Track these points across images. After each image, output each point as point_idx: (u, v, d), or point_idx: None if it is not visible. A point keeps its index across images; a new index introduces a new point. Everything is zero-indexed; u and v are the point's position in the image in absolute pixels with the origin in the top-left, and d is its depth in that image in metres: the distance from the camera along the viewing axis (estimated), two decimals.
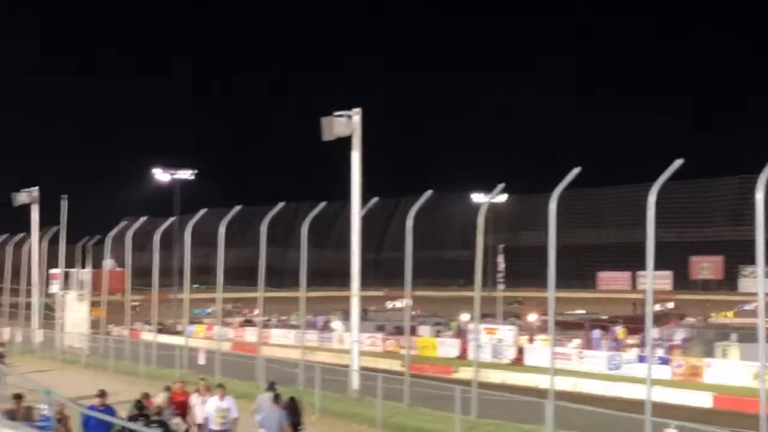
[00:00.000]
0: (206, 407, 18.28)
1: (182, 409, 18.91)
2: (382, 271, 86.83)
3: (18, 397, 16.01)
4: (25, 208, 51.08)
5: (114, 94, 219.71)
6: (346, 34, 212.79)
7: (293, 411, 18.84)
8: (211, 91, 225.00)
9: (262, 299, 38.50)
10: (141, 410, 16.75)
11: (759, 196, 19.36)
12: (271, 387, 19.66)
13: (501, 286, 61.89)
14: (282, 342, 55.24)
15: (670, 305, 73.40)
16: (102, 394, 16.60)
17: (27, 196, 49.91)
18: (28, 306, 54.96)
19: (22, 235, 57.40)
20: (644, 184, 22.98)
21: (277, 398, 18.41)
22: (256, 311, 61.17)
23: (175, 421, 17.81)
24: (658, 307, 62.37)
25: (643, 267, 24.65)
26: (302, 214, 36.38)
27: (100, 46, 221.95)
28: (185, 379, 23.01)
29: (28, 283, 54.60)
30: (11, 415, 13.51)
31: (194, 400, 19.13)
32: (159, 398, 18.31)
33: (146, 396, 18.17)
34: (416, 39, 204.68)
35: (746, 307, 67.25)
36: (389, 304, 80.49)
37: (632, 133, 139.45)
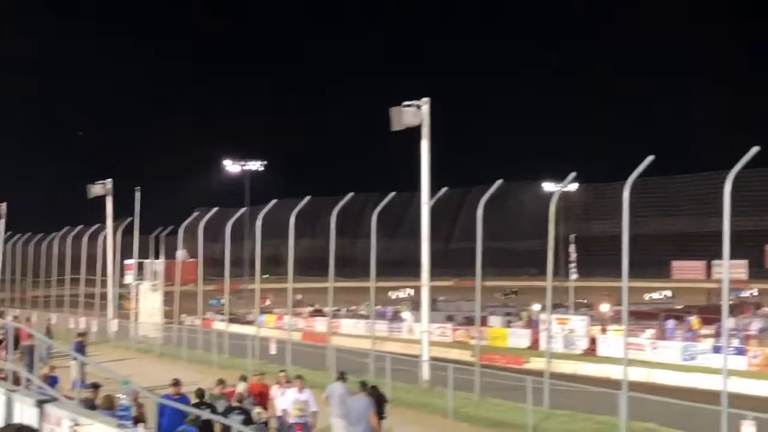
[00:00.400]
0: (284, 399, 18.19)
1: (261, 400, 18.75)
2: (451, 261, 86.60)
3: (95, 386, 16.27)
4: (100, 200, 51.90)
5: (187, 86, 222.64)
6: (417, 24, 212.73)
7: (378, 400, 18.86)
8: (281, 82, 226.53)
9: (332, 289, 38.60)
10: (201, 398, 16.66)
11: None
12: (341, 377, 19.67)
13: (573, 276, 61.21)
14: (351, 332, 55.45)
15: (746, 294, 72.04)
16: (176, 383, 16.76)
17: (101, 188, 50.71)
18: (103, 296, 55.87)
19: (96, 226, 58.41)
20: (719, 172, 22.54)
21: (363, 386, 18.42)
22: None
23: (257, 410, 17.62)
24: (733, 297, 61.24)
25: (718, 256, 24.25)
26: (371, 205, 36.44)
27: (174, 38, 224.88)
28: (259, 369, 23.19)
29: (103, 273, 55.47)
30: (89, 404, 13.70)
31: (274, 391, 19.07)
32: (240, 387, 18.19)
33: (221, 382, 18.16)
34: (483, 29, 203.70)
35: None
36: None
37: (706, 120, 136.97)
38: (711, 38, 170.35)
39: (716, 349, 38.91)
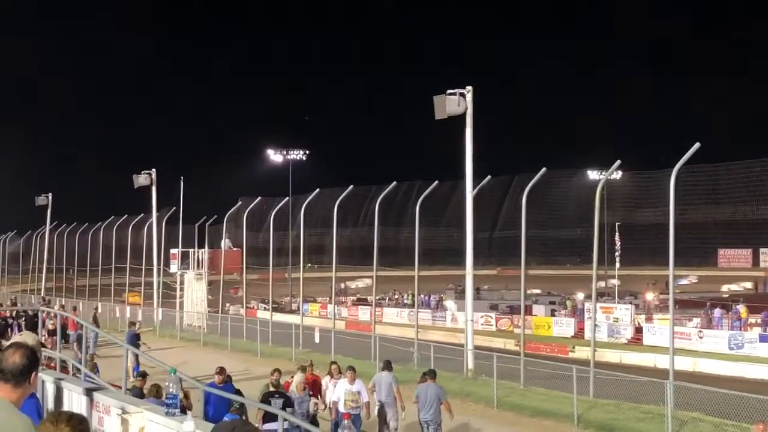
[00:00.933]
0: (336, 390, 18.05)
1: (314, 390, 18.66)
2: (494, 250, 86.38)
3: (143, 375, 16.44)
4: (144, 190, 52.33)
5: (230, 76, 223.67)
6: (458, 15, 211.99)
7: None
8: (325, 72, 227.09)
9: (375, 278, 38.64)
10: (276, 388, 16.92)
11: None
12: (387, 366, 19.68)
13: (617, 264, 60.75)
14: (395, 321, 55.48)
15: None
16: (221, 371, 16.86)
17: (146, 177, 51.11)
18: (148, 285, 56.38)
19: (141, 216, 58.95)
20: (764, 159, 22.30)
21: (432, 374, 18.56)
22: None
23: (314, 401, 17.59)
24: None
25: (766, 244, 23.93)
26: (414, 194, 36.44)
27: (213, 30, 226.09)
28: (303, 358, 23.20)
29: (148, 263, 55.96)
30: (137, 393, 13.84)
31: (326, 383, 19.02)
32: (297, 377, 17.95)
33: (276, 372, 17.82)
34: (524, 15, 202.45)
35: None
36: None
37: (752, 107, 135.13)
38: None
39: (763, 338, 38.47)
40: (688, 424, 20.17)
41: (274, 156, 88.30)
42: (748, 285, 72.75)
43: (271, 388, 17.04)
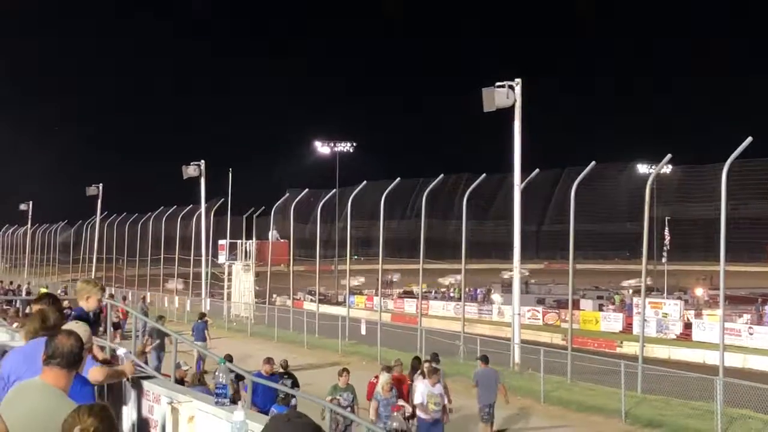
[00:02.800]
0: (418, 391, 16.68)
1: (399, 392, 17.26)
2: (542, 244, 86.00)
3: (178, 365, 16.57)
4: (193, 181, 52.78)
5: (278, 66, 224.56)
6: (506, 12, 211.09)
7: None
8: (373, 64, 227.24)
9: (422, 270, 38.61)
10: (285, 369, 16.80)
11: None
12: (434, 358, 19.67)
13: (666, 259, 60.16)
14: (441, 314, 55.44)
15: None
16: (269, 361, 16.94)
17: (195, 169, 51.52)
18: (197, 276, 56.82)
19: (190, 207, 59.46)
20: None
21: (486, 360, 19.41)
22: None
23: (400, 402, 16.34)
24: None
25: None
26: (462, 186, 36.34)
27: (260, 18, 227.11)
28: (347, 350, 23.19)
29: (197, 253, 56.41)
30: (179, 382, 13.94)
31: (414, 383, 17.58)
32: (383, 378, 16.46)
33: (345, 372, 16.96)
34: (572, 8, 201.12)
35: None
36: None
37: None
38: None
39: None
40: (737, 420, 19.96)
41: (322, 148, 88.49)
42: None
43: (339, 389, 16.39)
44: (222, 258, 57.85)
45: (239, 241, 56.72)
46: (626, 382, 22.06)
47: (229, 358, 18.65)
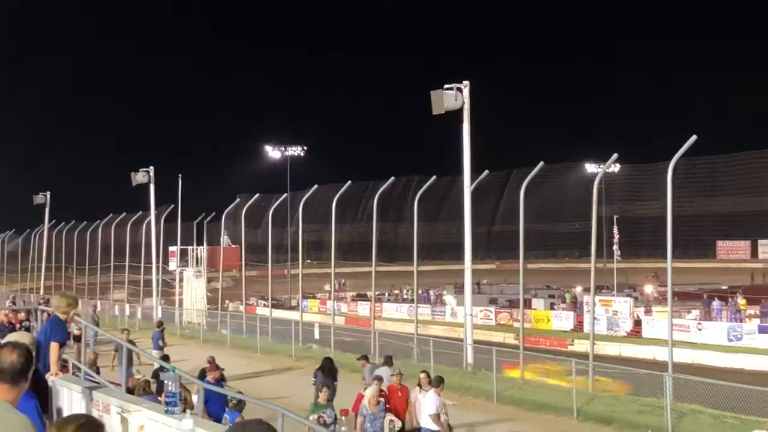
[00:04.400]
0: (430, 403, 15.86)
1: (396, 404, 16.57)
2: (493, 245, 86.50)
3: (128, 375, 16.46)
4: (143, 188, 52.35)
5: (226, 74, 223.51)
6: (452, 5, 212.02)
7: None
8: (321, 67, 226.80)
9: (374, 273, 38.64)
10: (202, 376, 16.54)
11: None
12: (387, 361, 19.72)
13: (616, 257, 60.79)
14: (395, 316, 55.50)
15: None
16: (215, 367, 16.87)
17: (144, 175, 51.14)
18: (147, 283, 56.36)
19: (139, 213, 58.94)
20: (763, 151, 22.40)
21: (439, 382, 16.60)
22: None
23: (390, 418, 15.64)
24: None
25: (764, 235, 24.06)
26: (413, 189, 36.46)
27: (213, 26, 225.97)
28: (300, 354, 23.16)
29: (147, 260, 55.95)
30: (129, 391, 13.82)
31: (414, 395, 16.73)
32: (369, 390, 15.75)
33: (326, 389, 16.58)
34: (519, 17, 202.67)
35: None
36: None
37: (749, 100, 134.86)
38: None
39: (762, 330, 38.52)
40: (687, 416, 20.22)
41: (273, 152, 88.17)
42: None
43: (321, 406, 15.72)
44: (173, 264, 57.43)
45: (190, 248, 56.36)
46: (579, 379, 22.29)
47: (165, 358, 18.64)
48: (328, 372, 19.27)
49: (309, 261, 64.79)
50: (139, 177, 51.06)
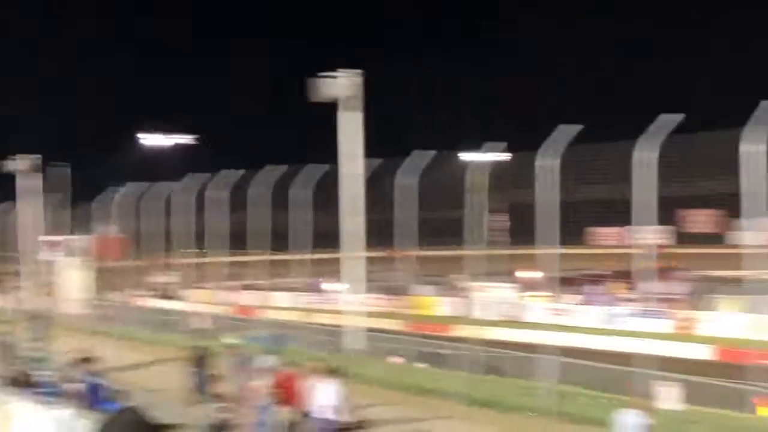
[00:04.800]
0: (322, 393, 15.78)
1: (287, 394, 16.49)
2: (380, 234, 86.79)
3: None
4: (13, 176, 50.99)
5: (112, 59, 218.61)
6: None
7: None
8: (205, 54, 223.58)
9: (260, 262, 38.59)
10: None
11: (743, 149, 19.79)
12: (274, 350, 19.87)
13: (498, 245, 61.75)
14: (282, 304, 55.31)
15: (666, 259, 73.18)
16: (88, 360, 16.67)
17: (15, 163, 49.87)
18: (19, 273, 54.89)
19: (9, 202, 57.27)
20: (631, 141, 23.36)
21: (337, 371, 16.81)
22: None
23: (274, 410, 15.79)
24: (652, 262, 62.26)
25: (636, 222, 25.07)
26: (302, 178, 36.58)
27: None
28: (187, 343, 22.95)
29: (17, 250, 54.51)
30: (11, 382, 13.64)
31: (309, 384, 16.29)
32: (261, 381, 16.02)
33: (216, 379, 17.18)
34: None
35: None
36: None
37: (629, 88, 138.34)
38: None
39: (636, 313, 39.86)
40: (567, 397, 20.83)
41: (150, 140, 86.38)
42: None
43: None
44: (45, 255, 55.69)
45: (64, 237, 54.90)
46: (458, 365, 22.69)
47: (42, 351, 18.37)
48: (201, 361, 19.32)
49: (200, 250, 63.96)
50: (11, 165, 49.75)
